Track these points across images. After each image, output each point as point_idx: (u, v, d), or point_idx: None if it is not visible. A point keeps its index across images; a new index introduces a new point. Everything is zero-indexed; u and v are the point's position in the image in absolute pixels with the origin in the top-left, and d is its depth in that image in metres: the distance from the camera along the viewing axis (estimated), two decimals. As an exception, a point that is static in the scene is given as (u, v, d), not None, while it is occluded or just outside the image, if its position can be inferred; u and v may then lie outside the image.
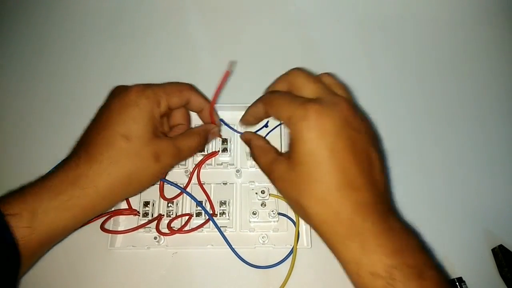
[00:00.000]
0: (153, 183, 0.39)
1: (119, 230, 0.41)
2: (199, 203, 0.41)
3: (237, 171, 0.43)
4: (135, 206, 0.42)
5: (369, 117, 0.46)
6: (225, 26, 0.55)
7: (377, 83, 0.51)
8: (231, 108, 0.45)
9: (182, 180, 0.43)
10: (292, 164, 0.31)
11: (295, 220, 0.41)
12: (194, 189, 0.42)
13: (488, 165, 0.47)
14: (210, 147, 0.44)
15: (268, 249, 0.41)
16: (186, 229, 0.41)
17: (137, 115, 0.35)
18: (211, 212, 0.41)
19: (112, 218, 0.41)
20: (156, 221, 0.40)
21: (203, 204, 0.41)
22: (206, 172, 0.44)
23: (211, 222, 0.41)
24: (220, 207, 0.42)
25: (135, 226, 0.40)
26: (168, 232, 0.40)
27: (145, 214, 0.41)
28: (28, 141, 0.47)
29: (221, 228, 0.40)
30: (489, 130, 0.48)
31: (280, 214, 0.41)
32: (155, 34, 0.54)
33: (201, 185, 0.42)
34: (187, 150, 0.38)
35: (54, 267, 0.40)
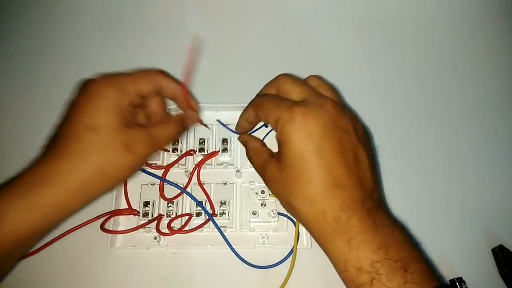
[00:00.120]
0: (129, 175, 0.36)
1: (119, 230, 0.41)
2: (199, 203, 0.41)
3: (237, 171, 0.43)
4: (135, 206, 0.42)
5: (358, 116, 0.44)
6: (225, 26, 0.55)
7: (377, 83, 0.51)
8: (231, 108, 0.45)
9: (182, 180, 0.43)
10: (282, 166, 0.32)
11: (295, 220, 0.41)
12: (194, 189, 0.42)
13: (488, 165, 0.47)
14: (210, 147, 0.44)
15: (268, 249, 0.41)
16: (186, 229, 0.41)
17: (102, 105, 0.33)
18: (211, 212, 0.41)
19: (112, 218, 0.41)
20: (156, 221, 0.40)
21: (203, 204, 0.41)
22: (206, 172, 0.44)
23: (211, 222, 0.41)
24: (220, 207, 0.42)
25: (135, 226, 0.40)
26: (168, 232, 0.40)
27: (145, 214, 0.41)
28: (28, 141, 0.47)
29: (221, 228, 0.40)
30: (489, 130, 0.48)
31: (280, 214, 0.41)
32: (155, 34, 0.54)
33: (201, 185, 0.42)
34: (162, 139, 0.37)
35: (54, 267, 0.40)
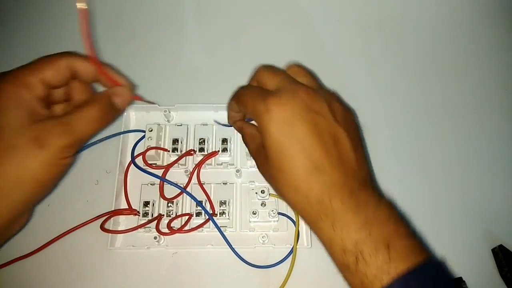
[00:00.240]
0: (56, 172, 0.32)
1: (119, 230, 0.41)
2: (199, 203, 0.41)
3: (237, 171, 0.43)
4: (135, 206, 0.42)
5: (338, 96, 0.39)
6: (224, 26, 0.55)
7: (377, 83, 0.51)
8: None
9: (182, 180, 0.43)
10: (266, 158, 0.32)
11: (295, 219, 0.41)
12: (194, 189, 0.42)
13: (488, 165, 0.47)
14: (210, 147, 0.44)
15: (268, 249, 0.41)
16: (186, 229, 0.41)
17: (1, 105, 0.30)
18: (211, 212, 0.41)
19: (112, 218, 0.41)
20: (156, 221, 0.40)
21: (203, 204, 0.41)
22: (206, 172, 0.44)
23: (211, 222, 0.41)
24: (220, 207, 0.42)
25: (135, 226, 0.40)
26: (168, 232, 0.40)
27: (145, 214, 0.41)
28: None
29: (221, 228, 0.40)
30: (489, 130, 0.48)
31: (280, 213, 0.41)
32: (155, 34, 0.54)
33: (201, 185, 0.42)
34: (84, 123, 0.32)
35: (54, 267, 0.40)
